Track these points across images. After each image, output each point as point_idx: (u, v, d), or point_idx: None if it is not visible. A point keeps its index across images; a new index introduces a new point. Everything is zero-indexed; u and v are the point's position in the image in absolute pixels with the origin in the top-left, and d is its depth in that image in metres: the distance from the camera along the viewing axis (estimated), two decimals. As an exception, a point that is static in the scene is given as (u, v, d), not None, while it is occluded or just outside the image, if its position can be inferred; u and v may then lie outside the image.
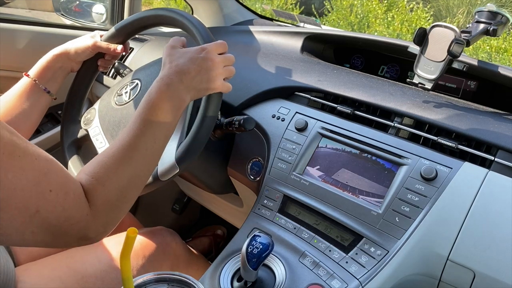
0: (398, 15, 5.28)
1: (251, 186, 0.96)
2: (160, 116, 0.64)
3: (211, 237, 1.58)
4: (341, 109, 0.88)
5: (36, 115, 0.87)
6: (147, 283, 0.52)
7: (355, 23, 5.45)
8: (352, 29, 5.36)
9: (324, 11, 5.82)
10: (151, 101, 0.64)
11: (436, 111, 0.83)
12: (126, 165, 0.60)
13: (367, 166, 0.80)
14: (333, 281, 0.72)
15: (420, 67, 0.88)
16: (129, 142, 0.61)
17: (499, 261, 0.66)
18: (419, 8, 5.38)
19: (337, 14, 5.61)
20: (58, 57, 0.87)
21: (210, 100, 0.75)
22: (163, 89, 0.65)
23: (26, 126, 0.86)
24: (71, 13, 1.50)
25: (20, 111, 0.84)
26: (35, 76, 0.85)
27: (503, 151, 0.72)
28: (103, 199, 0.58)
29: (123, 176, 0.60)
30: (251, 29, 1.29)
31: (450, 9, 5.71)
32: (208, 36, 0.77)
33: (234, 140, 0.99)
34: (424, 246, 0.71)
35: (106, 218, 0.60)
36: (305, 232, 0.80)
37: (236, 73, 0.76)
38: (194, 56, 0.69)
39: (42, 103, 0.87)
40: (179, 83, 0.66)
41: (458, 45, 0.82)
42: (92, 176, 0.59)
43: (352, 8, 5.55)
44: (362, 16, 5.46)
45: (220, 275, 0.74)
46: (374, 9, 5.42)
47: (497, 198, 0.68)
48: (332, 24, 5.51)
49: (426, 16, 5.26)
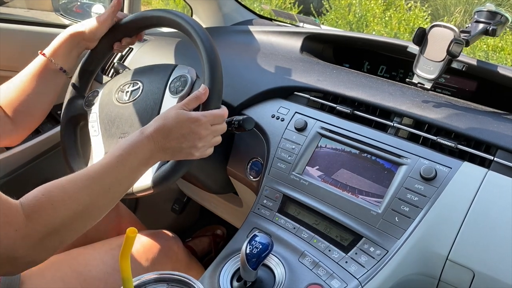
0: (396, 14, 5.29)
1: (251, 186, 0.96)
2: (130, 164, 0.66)
3: (210, 237, 1.58)
4: (340, 109, 0.88)
5: (52, 94, 0.86)
6: (147, 283, 0.52)
7: (353, 22, 5.45)
8: (350, 28, 5.37)
9: (322, 10, 5.82)
10: (127, 148, 0.66)
11: (435, 111, 0.83)
12: (84, 194, 0.60)
13: (366, 166, 0.80)
14: (333, 281, 0.72)
15: (419, 67, 0.88)
16: (94, 174, 0.62)
17: (499, 260, 0.66)
18: (417, 7, 5.39)
19: (336, 13, 5.62)
20: (73, 36, 0.86)
21: None
22: (143, 141, 0.67)
23: (42, 106, 0.86)
24: (70, 13, 1.49)
25: (35, 90, 0.83)
26: (50, 55, 0.84)
27: (503, 151, 0.72)
28: (47, 220, 0.56)
29: (77, 204, 0.59)
30: (250, 29, 1.28)
31: (448, 8, 5.73)
32: (211, 46, 0.79)
33: (233, 140, 0.99)
34: (423, 245, 0.71)
35: (42, 241, 0.56)
36: (304, 232, 0.80)
37: (236, 73, 0.77)
38: (185, 124, 0.70)
39: (57, 82, 0.86)
40: (158, 142, 0.68)
41: (458, 45, 0.82)
42: (44, 194, 0.57)
43: (351, 8, 5.57)
44: (360, 15, 5.47)
45: (219, 275, 0.74)
46: (372, 8, 5.43)
47: (497, 198, 0.69)
48: (330, 23, 5.53)
49: (424, 15, 5.27)
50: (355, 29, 5.36)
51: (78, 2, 1.54)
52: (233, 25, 1.45)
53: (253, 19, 1.49)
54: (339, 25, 5.44)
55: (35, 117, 0.88)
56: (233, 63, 1.07)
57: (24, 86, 0.82)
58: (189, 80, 0.84)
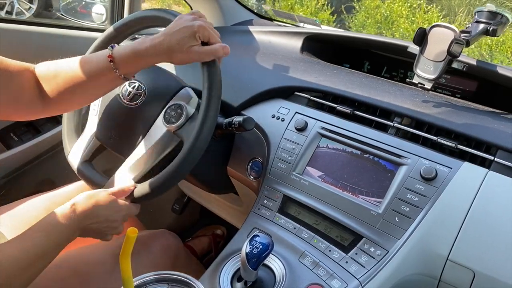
0: (421, 15, 5.86)
1: (251, 186, 0.96)
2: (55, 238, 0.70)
3: (211, 237, 1.58)
4: (340, 109, 0.88)
5: (101, 94, 0.83)
6: (147, 283, 0.52)
7: (381, 20, 6.04)
8: (378, 26, 5.98)
9: (352, 10, 6.43)
10: (51, 221, 0.71)
11: (435, 111, 0.83)
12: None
13: (367, 166, 0.80)
14: (333, 281, 0.72)
15: (419, 67, 0.88)
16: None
17: (499, 261, 0.66)
18: (431, 8, 5.95)
19: (365, 13, 6.23)
20: None
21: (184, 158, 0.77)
22: (67, 215, 0.72)
23: (85, 101, 0.84)
24: (74, 14, 1.49)
25: (88, 86, 0.77)
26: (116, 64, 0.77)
27: (503, 151, 0.72)
28: None
29: None
30: (250, 29, 1.29)
31: (452, 8, 5.95)
32: None
33: (234, 140, 0.99)
34: (423, 246, 0.71)
35: None
36: (305, 232, 0.80)
37: (236, 73, 0.77)
38: (106, 212, 0.77)
39: (113, 86, 0.81)
40: (80, 222, 0.73)
41: (458, 45, 0.82)
42: None
43: (378, 9, 6.16)
44: (386, 15, 6.06)
45: (220, 275, 0.74)
46: (398, 10, 6.02)
47: (497, 198, 0.69)
48: (360, 22, 6.19)
49: (439, 15, 5.84)
50: (383, 27, 6.01)
51: (82, 1, 1.54)
52: (233, 25, 1.45)
53: (253, 19, 1.49)
54: (368, 24, 6.11)
55: (72, 107, 0.88)
56: (233, 63, 1.07)
57: (79, 76, 0.76)
58: (184, 114, 0.83)
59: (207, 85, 0.76)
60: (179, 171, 0.76)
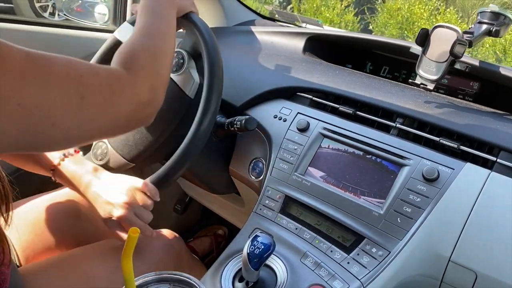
0: (442, 16, 6.25)
1: (253, 186, 0.96)
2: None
3: (212, 237, 1.58)
4: (343, 109, 0.88)
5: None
6: (149, 283, 0.52)
7: (402, 21, 6.46)
8: (400, 27, 6.40)
9: (375, 11, 6.90)
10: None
11: (438, 111, 0.83)
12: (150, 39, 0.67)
13: (368, 166, 0.80)
14: (335, 281, 0.72)
15: (422, 67, 0.88)
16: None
17: (501, 262, 0.66)
18: (450, 10, 6.36)
19: (387, 14, 6.66)
20: None
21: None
22: None
23: None
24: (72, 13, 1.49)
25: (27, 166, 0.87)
26: None
27: (506, 152, 0.72)
28: (143, 64, 0.62)
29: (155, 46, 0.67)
30: (253, 29, 1.29)
31: (466, 10, 6.16)
32: (213, 45, 0.80)
33: (235, 141, 0.99)
34: (426, 247, 0.70)
35: (151, 84, 0.63)
36: (306, 233, 0.80)
37: (238, 74, 0.77)
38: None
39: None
40: None
41: (461, 46, 0.82)
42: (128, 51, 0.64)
43: (399, 11, 6.57)
44: (406, 17, 6.47)
45: (221, 275, 0.74)
46: (418, 12, 6.40)
47: (499, 199, 0.68)
48: (382, 22, 6.68)
49: (456, 17, 6.23)
50: (404, 27, 6.44)
51: (79, 0, 1.54)
52: (236, 26, 1.45)
53: (255, 20, 1.49)
54: (390, 24, 6.59)
55: None
56: (235, 64, 1.07)
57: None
58: (186, 59, 0.86)
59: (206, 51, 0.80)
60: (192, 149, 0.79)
